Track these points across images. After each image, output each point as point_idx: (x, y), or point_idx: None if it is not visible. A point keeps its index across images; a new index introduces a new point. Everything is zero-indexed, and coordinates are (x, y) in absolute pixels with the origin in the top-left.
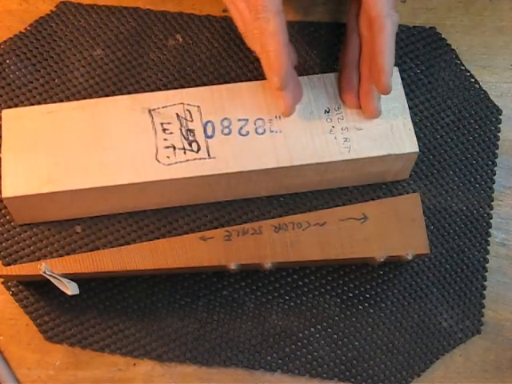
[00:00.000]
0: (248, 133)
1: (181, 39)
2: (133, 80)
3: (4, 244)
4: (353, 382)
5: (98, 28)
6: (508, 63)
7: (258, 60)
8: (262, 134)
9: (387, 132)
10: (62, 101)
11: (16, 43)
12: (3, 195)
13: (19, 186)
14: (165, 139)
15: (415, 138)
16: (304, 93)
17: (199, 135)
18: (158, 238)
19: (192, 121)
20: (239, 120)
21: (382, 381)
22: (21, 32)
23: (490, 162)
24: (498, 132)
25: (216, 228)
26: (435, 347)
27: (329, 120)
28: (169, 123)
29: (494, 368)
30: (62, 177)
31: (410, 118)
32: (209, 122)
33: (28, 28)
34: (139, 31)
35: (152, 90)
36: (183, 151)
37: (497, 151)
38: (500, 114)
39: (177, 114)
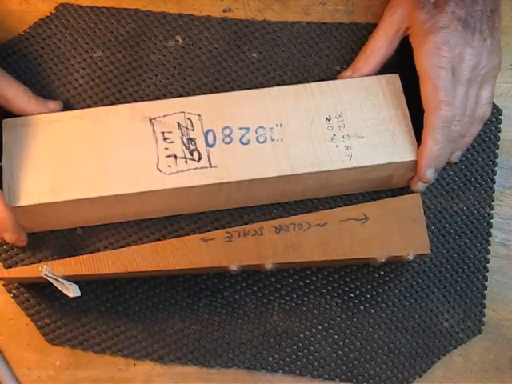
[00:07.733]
0: (249, 141)
1: (181, 40)
2: (133, 81)
3: (5, 246)
4: (354, 382)
5: (98, 30)
6: (508, 63)
7: (258, 61)
8: (263, 142)
9: (388, 140)
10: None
11: (16, 45)
12: None
13: (20, 196)
14: (166, 148)
15: (417, 146)
16: (305, 100)
17: (200, 144)
18: (159, 240)
19: (193, 129)
20: (240, 128)
21: (384, 381)
22: (20, 34)
23: (490, 162)
24: (498, 132)
25: (217, 229)
26: (437, 347)
27: (330, 128)
28: (170, 132)
29: (494, 368)
30: (63, 186)
31: (411, 126)
32: (210, 130)
33: (27, 30)
34: (139, 32)
35: (152, 92)
36: (184, 160)
37: (497, 151)
38: (500, 114)
39: (178, 123)
